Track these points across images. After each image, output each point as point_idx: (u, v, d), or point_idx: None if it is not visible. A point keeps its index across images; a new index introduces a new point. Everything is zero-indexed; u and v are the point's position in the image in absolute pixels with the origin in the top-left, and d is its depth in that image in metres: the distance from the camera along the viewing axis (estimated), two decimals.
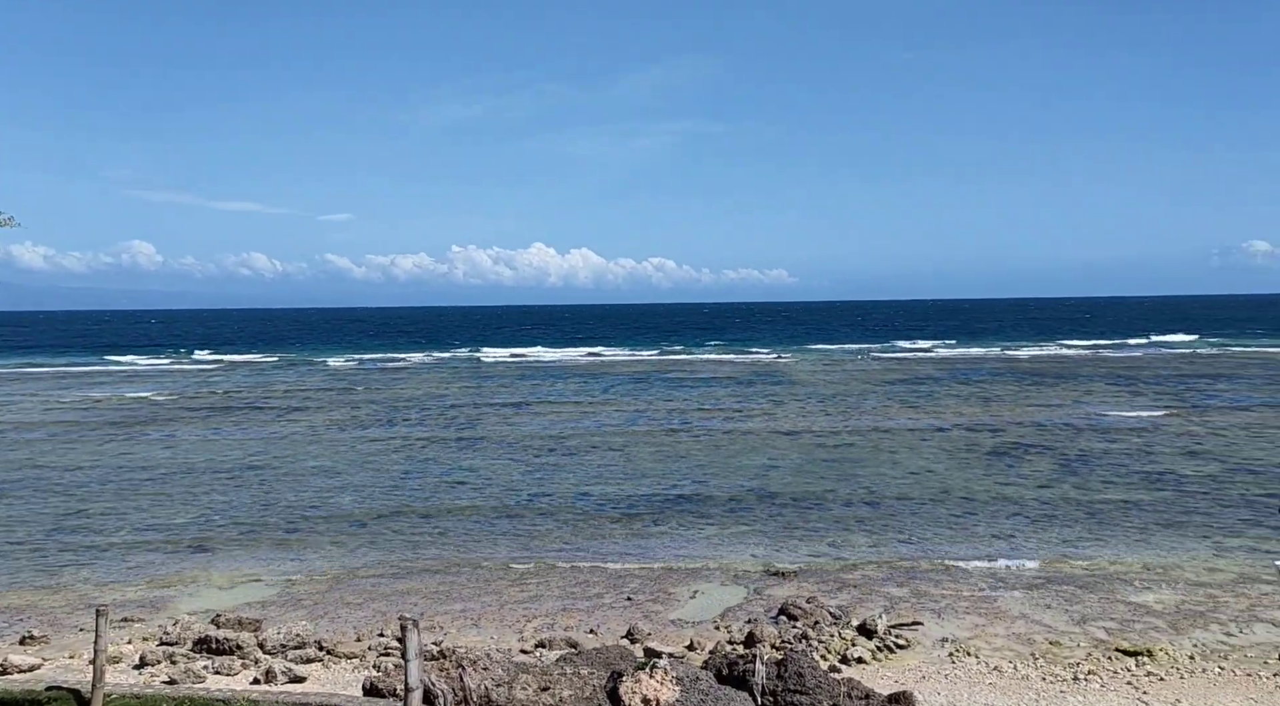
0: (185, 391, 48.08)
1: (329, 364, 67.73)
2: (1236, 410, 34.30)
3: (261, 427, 33.64)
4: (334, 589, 14.84)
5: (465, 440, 29.92)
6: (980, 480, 22.20)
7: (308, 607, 13.92)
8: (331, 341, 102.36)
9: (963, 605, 13.38)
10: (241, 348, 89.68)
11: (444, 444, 29.24)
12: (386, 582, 15.12)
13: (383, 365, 66.71)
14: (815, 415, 34.67)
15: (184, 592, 14.85)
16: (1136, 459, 24.55)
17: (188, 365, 70.17)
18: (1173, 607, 13.04)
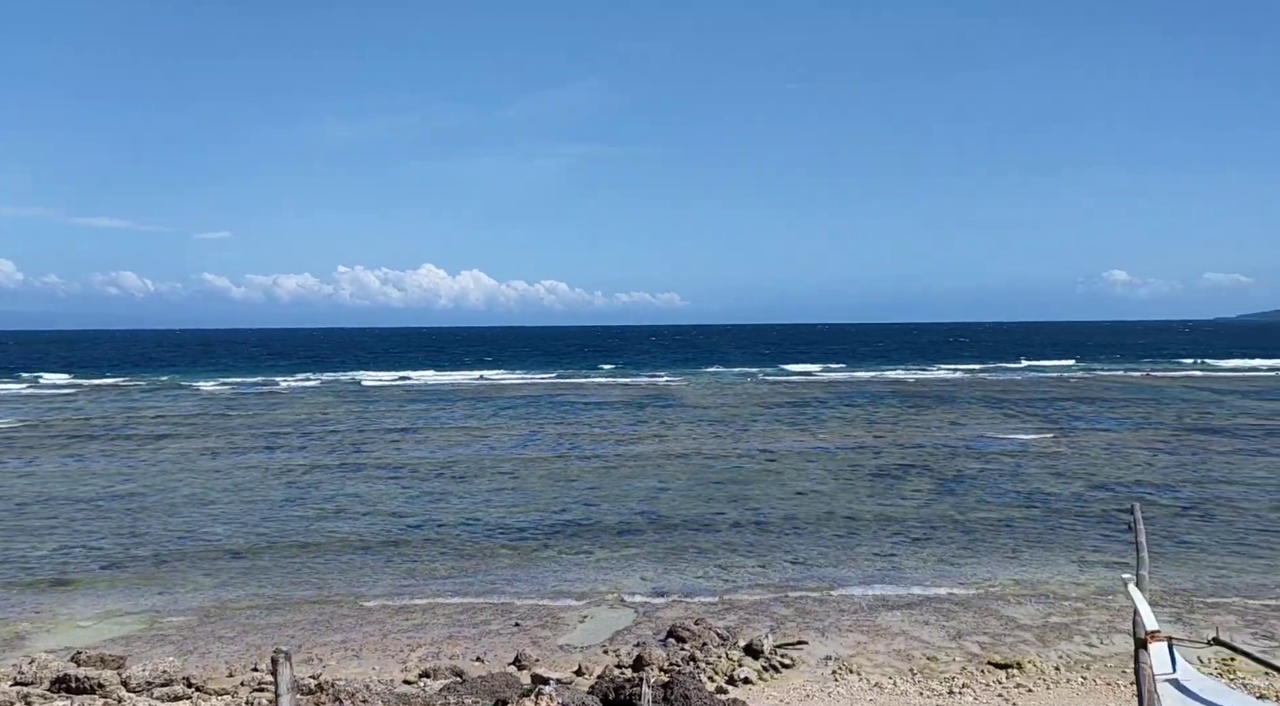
0: (45, 417, 45.47)
1: (202, 388, 65.09)
2: (1098, 432, 36.17)
3: (128, 455, 32.05)
4: (205, 623, 14.19)
5: (349, 466, 29.12)
6: (863, 501, 22.78)
7: (176, 643, 13.26)
8: (206, 364, 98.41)
9: (846, 623, 13.66)
10: (106, 371, 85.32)
11: (326, 470, 28.40)
12: (262, 615, 14.53)
13: (261, 389, 64.50)
14: (705, 438, 35.05)
15: (42, 629, 13.96)
16: (1009, 479, 25.60)
17: (44, 390, 66.38)
18: (1041, 621, 13.59)
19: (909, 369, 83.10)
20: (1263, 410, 43.81)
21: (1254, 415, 41.61)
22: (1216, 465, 27.44)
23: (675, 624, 13.31)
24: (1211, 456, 29.20)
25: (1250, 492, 23.12)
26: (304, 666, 12.11)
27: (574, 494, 24.09)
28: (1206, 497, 22.57)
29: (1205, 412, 42.91)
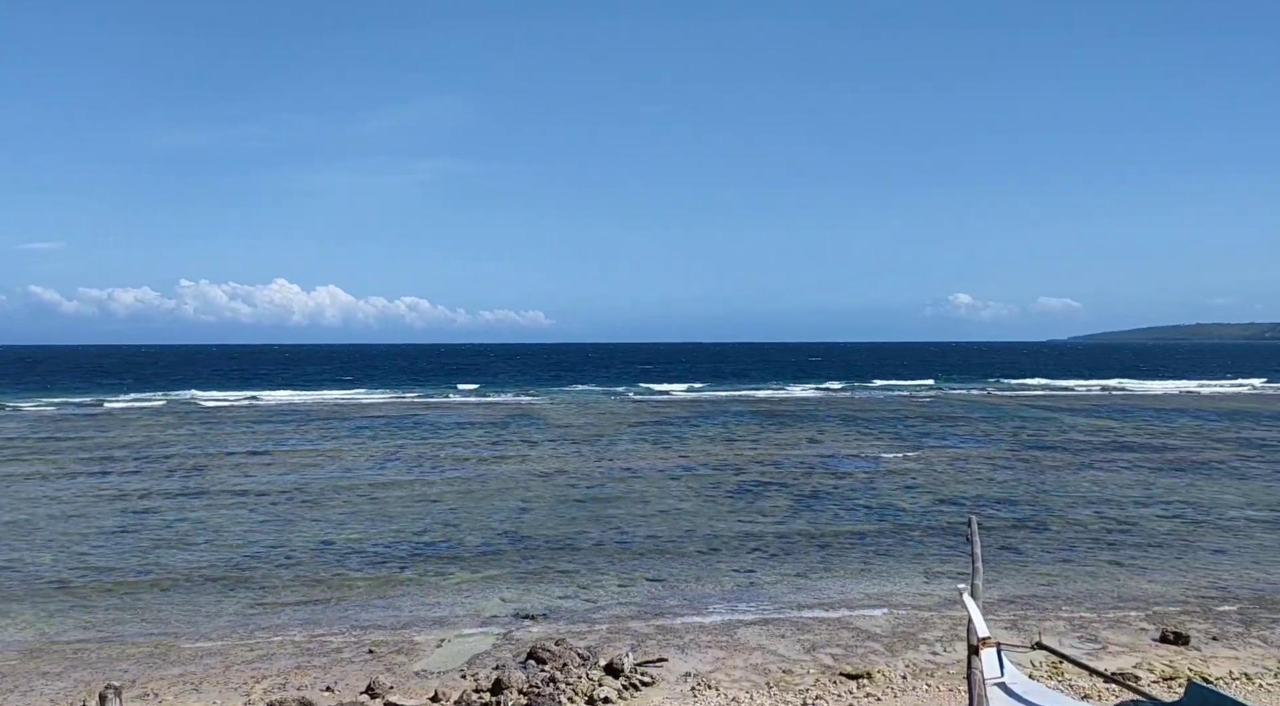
0: None
1: (24, 408, 60.75)
2: (945, 448, 37.96)
3: None
4: (29, 659, 13.16)
5: (190, 491, 27.68)
6: (724, 518, 23.16)
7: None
8: (30, 383, 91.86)
9: (705, 639, 13.81)
10: None
11: (165, 496, 26.91)
12: (94, 648, 13.60)
13: (93, 410, 60.68)
14: (569, 457, 34.97)
15: None
16: (862, 495, 26.52)
17: None
18: (890, 631, 14.10)
19: (769, 388, 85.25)
20: (1089, 427, 46.93)
21: (1082, 431, 44.52)
22: (1049, 479, 29.19)
23: (536, 645, 13.17)
24: (1044, 471, 31.05)
25: (1078, 505, 24.67)
26: (138, 702, 11.39)
27: (434, 515, 23.59)
28: (1039, 510, 23.96)
29: (1039, 430, 45.63)
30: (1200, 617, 14.65)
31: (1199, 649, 13.15)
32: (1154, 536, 20.72)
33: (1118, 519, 22.70)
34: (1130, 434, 43.54)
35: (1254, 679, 11.81)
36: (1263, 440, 40.38)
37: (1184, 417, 52.72)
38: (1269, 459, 33.90)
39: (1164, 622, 14.22)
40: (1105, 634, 13.91)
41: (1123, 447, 37.80)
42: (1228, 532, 21.03)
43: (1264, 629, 14.06)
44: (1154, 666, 12.25)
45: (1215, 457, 34.39)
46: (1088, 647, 13.31)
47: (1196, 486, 27.55)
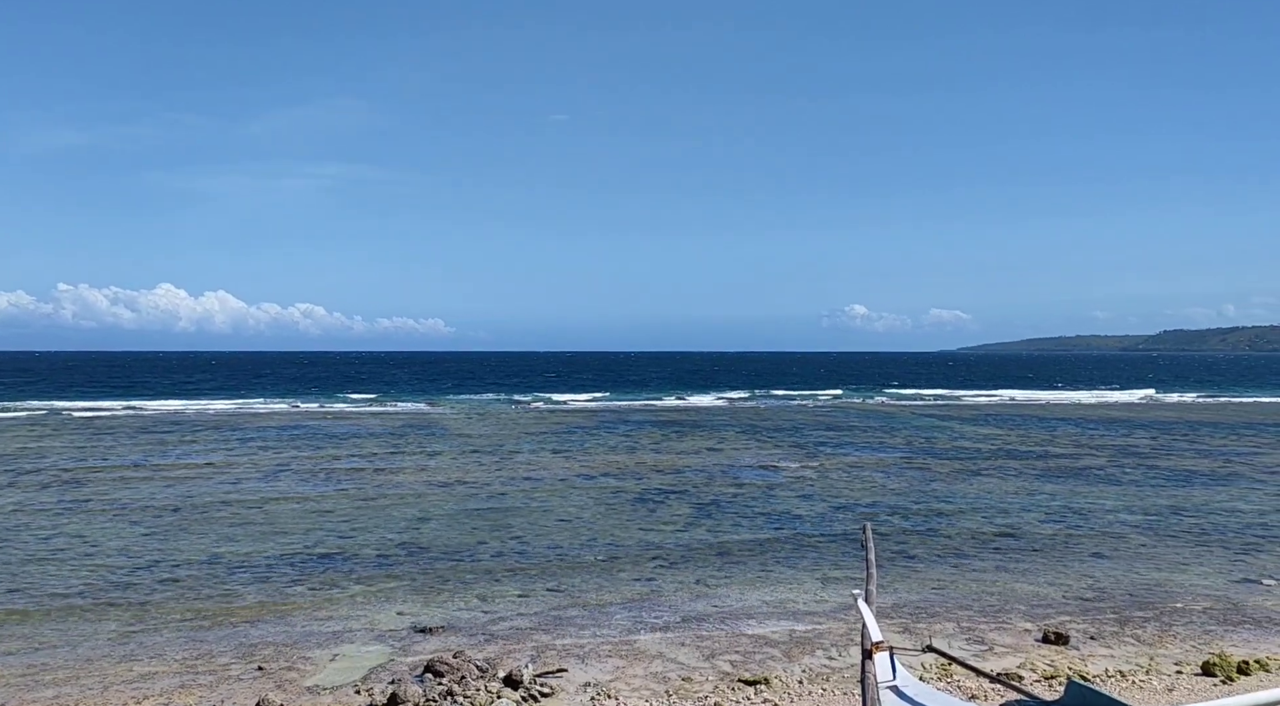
0: None
1: None
2: (841, 456, 38.82)
3: None
4: None
5: (67, 504, 26.34)
6: (625, 527, 23.17)
7: None
8: None
9: (606, 649, 13.77)
10: None
11: (39, 510, 25.54)
12: None
13: None
14: (469, 466, 34.52)
15: None
16: (761, 502, 26.88)
17: None
18: (787, 637, 14.30)
19: (671, 396, 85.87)
20: (978, 435, 48.65)
21: (971, 439, 46.13)
22: (940, 486, 30.13)
23: (433, 658, 12.91)
24: (936, 478, 32.03)
25: (967, 511, 25.52)
26: None
27: (327, 528, 22.96)
28: (931, 516, 24.70)
29: (931, 438, 47.09)
30: (1079, 618, 15.28)
31: (1078, 648, 13.72)
32: (1037, 541, 21.56)
33: (1004, 524, 23.55)
34: (1016, 441, 45.30)
35: (1128, 675, 12.37)
36: (1136, 447, 42.50)
37: (1065, 426, 55.13)
38: (1143, 465, 35.69)
39: (1046, 624, 14.79)
40: (992, 635, 14.39)
41: (1009, 455, 39.29)
42: (1105, 536, 22.02)
43: (1137, 628, 14.75)
44: (1036, 666, 12.72)
45: (1094, 464, 36.04)
46: (975, 649, 13.75)
47: (1076, 492, 28.80)
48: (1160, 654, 13.45)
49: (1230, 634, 14.47)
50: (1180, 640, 14.14)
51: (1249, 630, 14.68)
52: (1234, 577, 18.02)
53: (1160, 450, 41.35)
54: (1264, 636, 14.35)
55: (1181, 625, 14.93)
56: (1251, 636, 14.35)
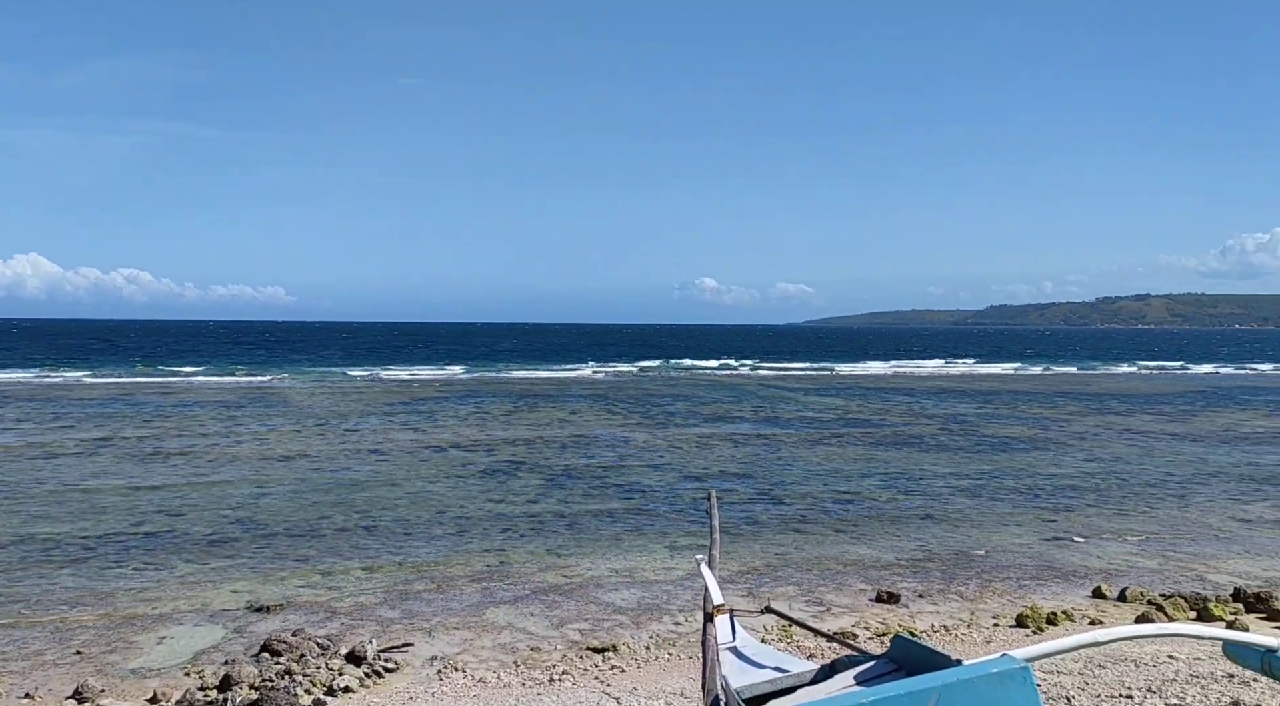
0: None
1: None
2: (691, 426, 39.54)
3: None
4: None
5: None
6: (475, 498, 22.91)
7: None
8: None
9: (454, 622, 13.60)
10: None
11: None
12: None
13: None
14: (311, 439, 33.33)
15: None
16: (613, 472, 27.08)
17: None
18: (635, 605, 14.50)
19: (524, 368, 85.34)
20: (821, 405, 50.51)
21: (814, 409, 47.85)
22: (785, 454, 31.13)
23: (271, 637, 12.43)
24: (781, 446, 33.08)
25: (810, 478, 26.46)
26: None
27: (155, 505, 21.72)
28: (776, 483, 25.49)
29: (777, 408, 48.57)
30: (909, 578, 16.12)
31: (908, 606, 14.47)
32: (873, 505, 22.60)
33: (843, 491, 24.56)
34: (855, 411, 47.28)
35: (951, 630, 13.14)
36: (964, 416, 45.09)
37: (900, 396, 57.90)
38: (969, 433, 37.89)
39: (879, 584, 15.53)
40: (830, 597, 15.01)
41: (849, 423, 40.97)
42: (933, 499, 23.28)
43: (960, 585, 15.69)
44: (870, 624, 13.35)
45: (925, 431, 38.02)
46: (814, 610, 14.31)
47: (909, 459, 30.32)
48: (980, 608, 14.35)
49: (1042, 588, 15.57)
50: (998, 595, 15.12)
51: (1058, 584, 15.84)
52: (1046, 536, 19.39)
53: (985, 418, 44.00)
54: (1070, 589, 15.52)
55: (999, 580, 15.97)
56: (1060, 589, 15.50)
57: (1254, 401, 55.39)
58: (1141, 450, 32.84)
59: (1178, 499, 23.55)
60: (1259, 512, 21.92)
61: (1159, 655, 11.00)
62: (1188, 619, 13.71)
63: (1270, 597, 14.09)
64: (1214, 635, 3.04)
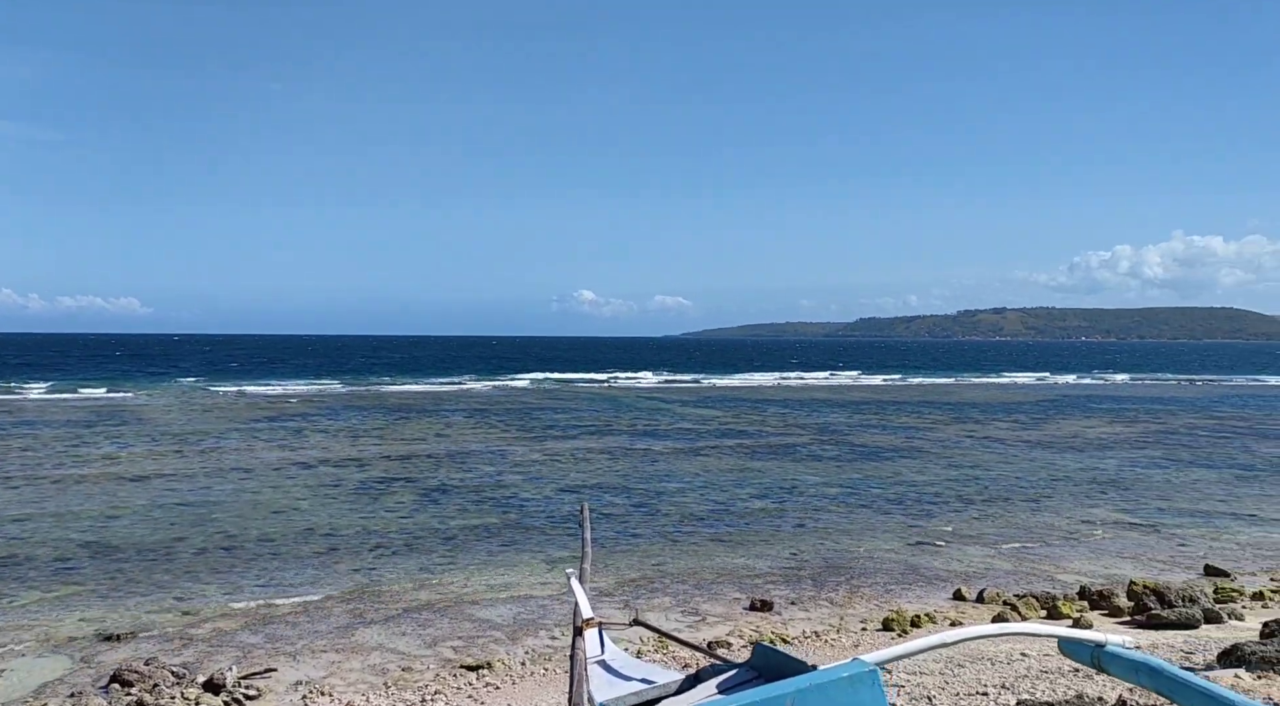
0: None
1: None
2: (569, 438, 39.44)
3: None
4: None
5: None
6: (345, 515, 22.24)
7: None
8: None
9: (320, 644, 13.14)
10: None
11: None
12: None
13: None
14: (169, 457, 31.74)
15: None
16: (489, 487, 26.74)
17: None
18: (511, 620, 14.32)
19: (399, 382, 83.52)
20: (697, 416, 51.17)
21: (691, 420, 48.42)
22: (662, 466, 31.38)
23: (121, 666, 11.73)
24: (658, 458, 33.33)
25: (686, 489, 26.74)
26: None
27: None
28: (653, 495, 25.65)
29: (654, 420, 48.94)
30: (782, 586, 16.45)
31: (781, 613, 14.76)
32: (748, 515, 22.99)
33: (719, 500, 24.91)
34: (732, 422, 48.08)
35: (821, 635, 13.46)
36: (835, 426, 46.43)
37: (775, 406, 59.22)
38: (840, 442, 39.02)
39: (753, 592, 15.79)
40: (705, 606, 15.17)
41: (726, 435, 41.62)
42: (806, 508, 23.86)
43: (831, 591, 16.10)
44: (744, 632, 13.55)
45: (799, 442, 38.97)
46: (690, 620, 14.43)
47: (783, 468, 31.00)
48: (849, 613, 14.75)
49: (907, 592, 16.14)
50: (866, 600, 15.59)
51: (922, 587, 16.45)
52: (911, 541, 20.11)
53: (855, 428, 45.43)
54: (933, 592, 16.13)
55: (867, 586, 16.46)
56: (924, 592, 16.09)
57: (1099, 409, 58.98)
58: (999, 457, 34.49)
59: (1031, 503, 24.82)
60: (1102, 515, 23.30)
61: (1013, 653, 11.54)
62: (1039, 617, 14.44)
63: (1112, 594, 14.98)
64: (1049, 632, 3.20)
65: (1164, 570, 17.59)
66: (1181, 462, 33.05)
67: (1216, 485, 28.01)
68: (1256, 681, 9.45)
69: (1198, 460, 33.78)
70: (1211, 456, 34.93)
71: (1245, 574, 17.35)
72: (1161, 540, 20.45)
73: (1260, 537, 20.77)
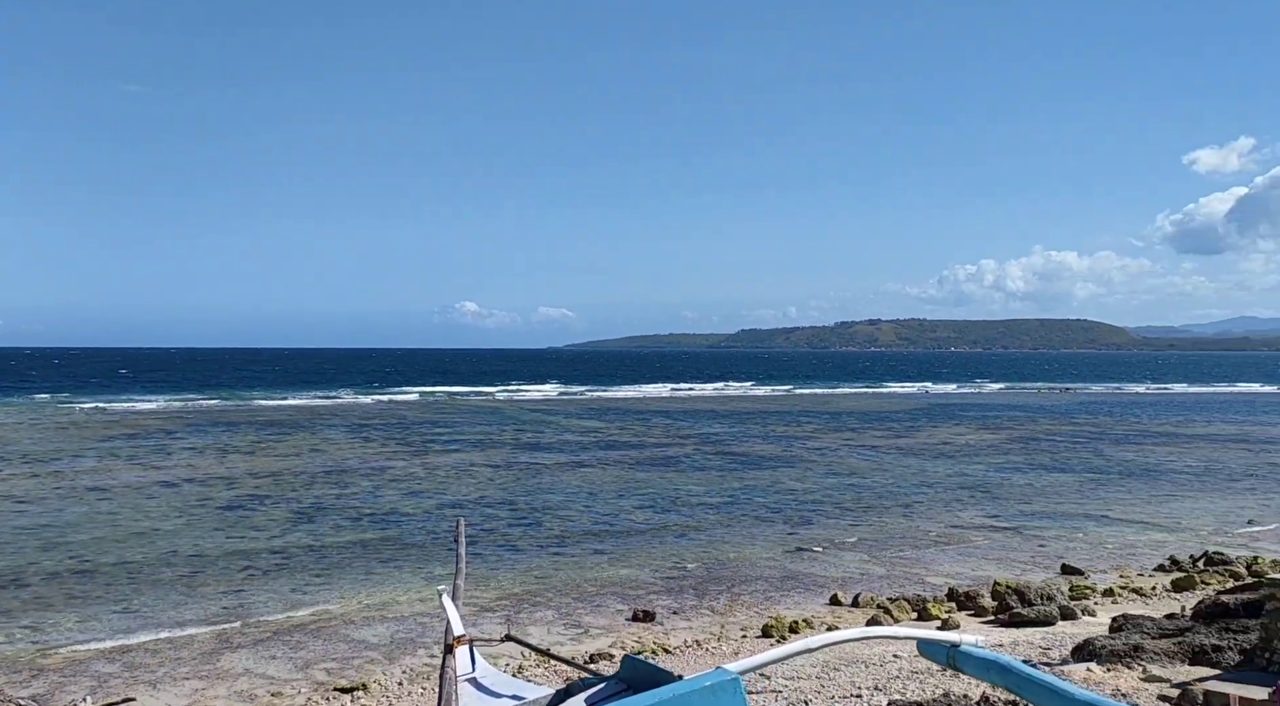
0: None
1: None
2: (451, 452, 38.82)
3: None
4: None
5: None
6: (211, 536, 21.30)
7: None
8: None
9: (183, 671, 12.52)
10: None
11: None
12: None
13: None
14: (18, 478, 29.80)
15: None
16: (367, 503, 26.04)
17: None
18: (388, 639, 13.96)
19: (274, 396, 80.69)
20: (581, 427, 51.11)
21: (575, 432, 48.33)
22: (545, 479, 31.19)
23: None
24: (542, 471, 33.12)
25: (570, 501, 26.64)
26: None
27: None
28: (537, 508, 25.46)
29: (538, 432, 48.66)
30: (665, 595, 16.55)
31: (663, 623, 14.83)
32: (631, 526, 23.05)
33: (603, 512, 24.90)
34: (616, 433, 48.21)
35: (702, 644, 13.58)
36: (717, 435, 47.10)
37: (659, 417, 59.69)
38: (722, 452, 39.59)
39: (636, 603, 15.83)
40: (588, 618, 15.11)
41: (609, 446, 41.69)
42: (688, 518, 24.08)
43: (712, 600, 16.28)
44: (626, 644, 13.55)
45: (681, 452, 39.35)
46: (573, 632, 14.35)
47: (665, 478, 31.24)
48: (730, 621, 14.94)
49: (785, 598, 16.45)
50: (746, 607, 15.82)
51: (800, 593, 16.79)
52: (790, 548, 20.53)
53: (736, 438, 46.17)
54: (811, 598, 16.50)
55: (748, 593, 16.71)
56: (802, 598, 16.43)
57: (967, 417, 61.60)
58: (874, 464, 35.60)
59: (904, 509, 25.69)
60: (969, 519, 24.30)
61: (885, 655, 11.88)
62: (911, 619, 14.92)
63: (978, 595, 15.62)
64: (908, 635, 3.29)
65: (1025, 570, 18.44)
66: (1042, 467, 34.79)
67: (1072, 487, 29.59)
68: (1106, 674, 9.99)
69: (1056, 464, 35.63)
70: (1069, 461, 36.90)
71: (1098, 571, 18.36)
72: (1023, 541, 21.45)
73: (1111, 536, 22.02)
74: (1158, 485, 30.15)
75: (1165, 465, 35.26)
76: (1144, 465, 35.26)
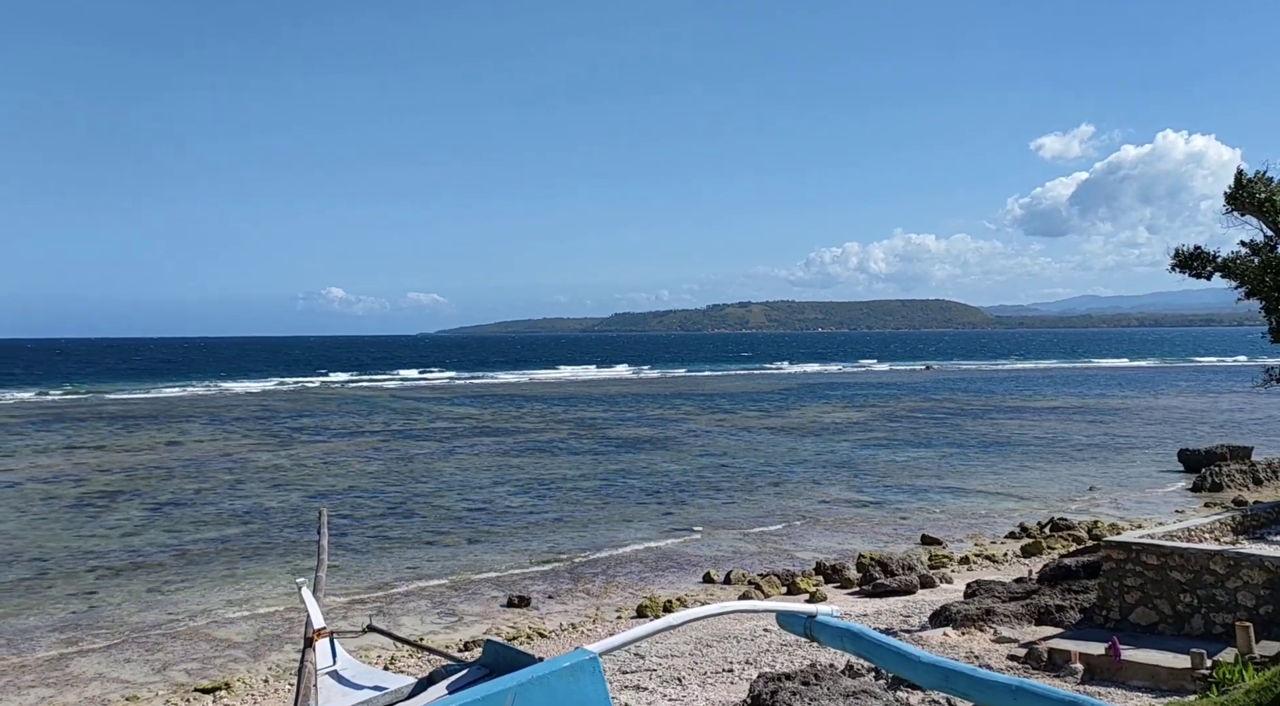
0: None
1: None
2: (317, 442, 37.67)
3: None
4: None
5: None
6: (58, 535, 20.10)
7: None
8: None
9: (28, 678, 11.79)
10: None
11: None
12: None
13: None
14: None
15: None
16: (227, 496, 25.04)
17: None
18: (253, 637, 13.48)
19: (126, 388, 76.52)
20: (454, 415, 50.40)
21: (447, 419, 47.63)
22: (417, 467, 30.64)
23: None
24: (414, 459, 32.51)
25: (443, 490, 26.27)
26: None
27: None
28: (409, 497, 24.99)
29: (409, 420, 47.73)
30: (540, 580, 16.52)
31: (538, 608, 14.81)
32: (506, 512, 22.90)
33: (477, 499, 24.65)
34: (489, 419, 47.73)
35: (578, 626, 13.63)
36: (592, 419, 47.22)
37: (533, 402, 59.40)
38: (597, 436, 39.72)
39: (511, 589, 15.74)
40: (463, 606, 14.96)
41: (482, 432, 41.25)
42: (564, 502, 24.09)
43: (587, 583, 16.34)
44: (501, 630, 13.48)
45: (556, 436, 39.28)
46: (447, 621, 14.18)
47: (540, 463, 31.15)
48: (605, 603, 15.04)
49: (660, 578, 16.66)
50: (621, 589, 15.95)
51: (675, 573, 17.04)
52: (665, 529, 20.80)
53: (611, 421, 46.40)
54: (685, 577, 16.76)
55: (623, 575, 16.85)
56: (677, 578, 16.68)
57: (834, 396, 63.63)
58: (746, 445, 36.38)
59: (774, 487, 26.36)
60: (836, 495, 25.14)
61: (756, 630, 12.19)
62: (780, 593, 15.34)
63: (844, 568, 16.20)
64: (766, 608, 3.38)
65: (888, 542, 19.22)
66: (904, 443, 36.27)
67: (931, 462, 30.98)
68: (960, 637, 10.52)
69: (917, 440, 37.21)
70: (929, 436, 38.58)
71: (955, 540, 19.29)
72: (886, 514, 22.34)
73: (966, 507, 23.17)
74: (1009, 457, 31.86)
75: (1016, 437, 37.29)
76: (997, 438, 37.20)
